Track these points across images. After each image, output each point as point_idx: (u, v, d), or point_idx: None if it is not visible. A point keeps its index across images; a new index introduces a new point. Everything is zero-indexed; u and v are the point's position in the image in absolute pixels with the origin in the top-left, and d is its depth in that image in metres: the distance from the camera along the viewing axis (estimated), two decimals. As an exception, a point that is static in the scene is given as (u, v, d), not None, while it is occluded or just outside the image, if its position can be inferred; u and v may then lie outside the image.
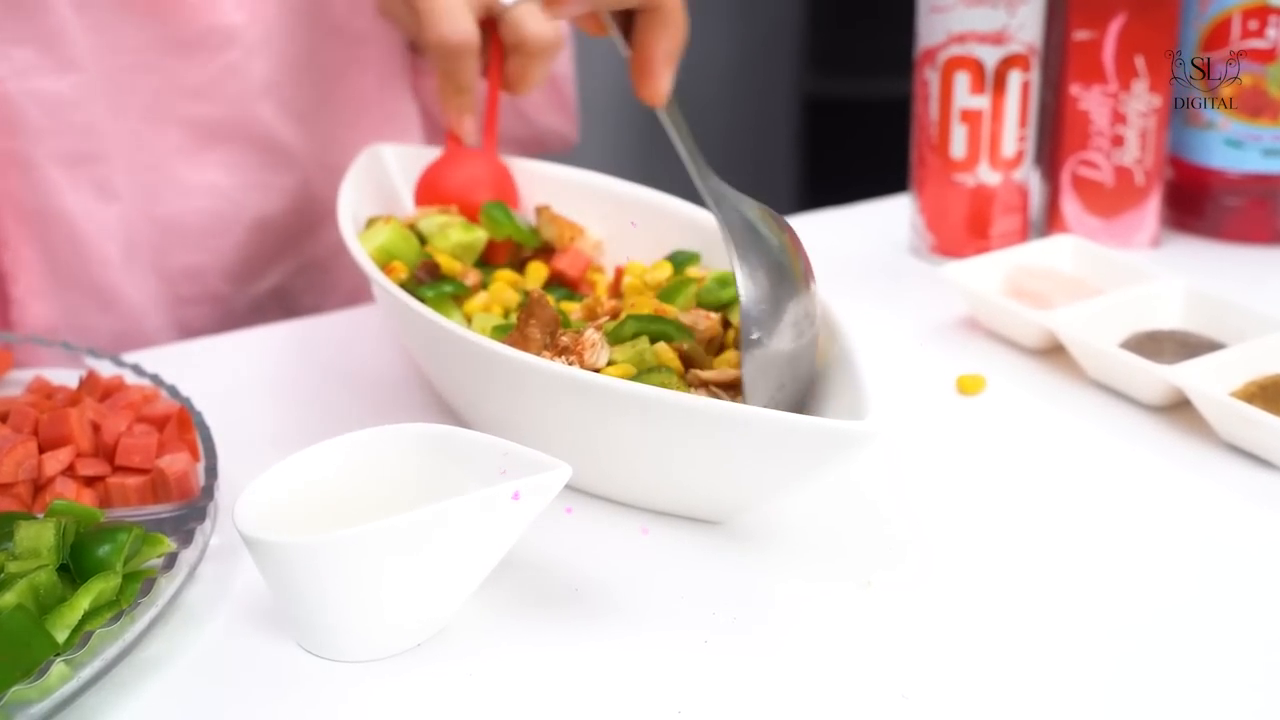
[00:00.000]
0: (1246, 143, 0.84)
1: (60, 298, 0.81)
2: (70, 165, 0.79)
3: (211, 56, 0.81)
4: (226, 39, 0.81)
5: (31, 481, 0.58)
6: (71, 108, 0.78)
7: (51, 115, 0.78)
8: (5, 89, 0.76)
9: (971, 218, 0.84)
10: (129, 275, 0.83)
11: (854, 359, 0.57)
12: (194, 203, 0.84)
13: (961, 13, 0.80)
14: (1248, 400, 0.65)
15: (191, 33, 0.80)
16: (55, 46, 0.77)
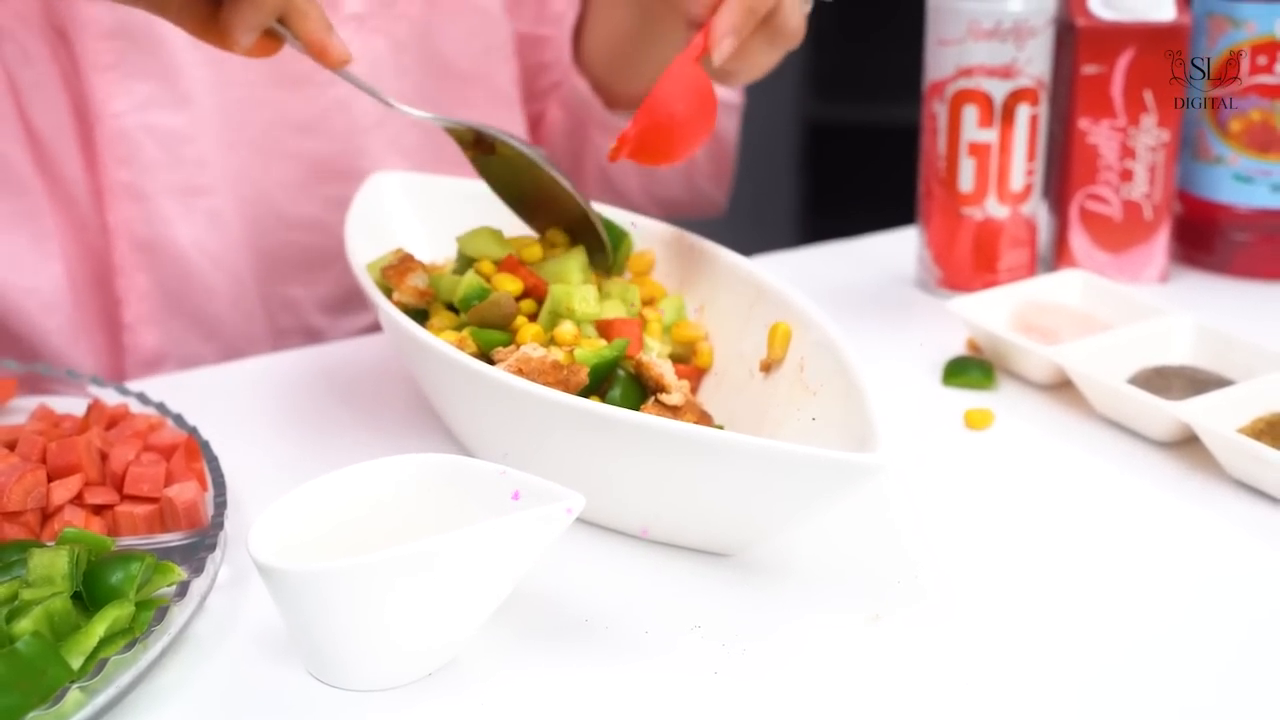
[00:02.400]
0: (1256, 178, 0.87)
1: (168, 326, 0.86)
2: (183, 197, 0.84)
3: (321, 91, 0.86)
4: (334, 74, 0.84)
5: (40, 510, 0.60)
6: (185, 142, 0.83)
7: (167, 149, 0.83)
8: (123, 123, 0.82)
9: (979, 251, 0.87)
10: (232, 306, 0.87)
11: (862, 392, 0.60)
12: (296, 236, 0.89)
13: (970, 46, 0.83)
14: (1255, 437, 0.67)
15: (301, 68, 0.83)
16: (172, 82, 0.82)
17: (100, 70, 0.82)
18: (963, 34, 0.83)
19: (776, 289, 0.69)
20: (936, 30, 0.84)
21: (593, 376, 0.65)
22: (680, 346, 0.72)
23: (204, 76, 0.84)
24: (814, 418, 0.63)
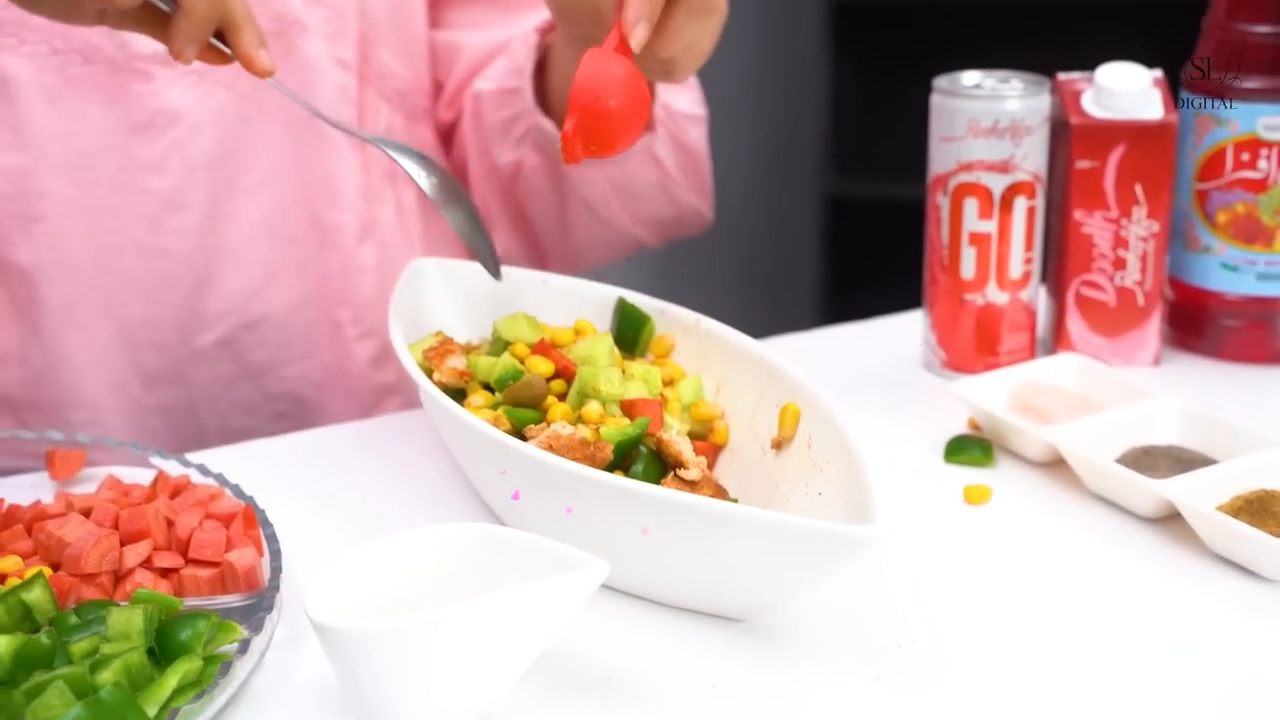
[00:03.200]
0: (1242, 267, 0.93)
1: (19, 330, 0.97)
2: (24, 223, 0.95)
3: (161, 133, 0.96)
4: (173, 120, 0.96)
5: (114, 572, 0.66)
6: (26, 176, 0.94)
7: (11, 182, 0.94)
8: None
9: (980, 335, 0.93)
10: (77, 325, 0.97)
11: (863, 468, 0.65)
12: (151, 262, 0.97)
13: (970, 143, 0.89)
14: (1234, 514, 0.73)
15: (142, 115, 0.95)
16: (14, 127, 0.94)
17: None
18: (963, 132, 0.89)
19: (787, 371, 0.75)
20: (939, 128, 0.90)
21: (617, 452, 0.71)
22: (698, 424, 0.78)
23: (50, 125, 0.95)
24: (820, 492, 0.69)
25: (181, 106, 0.97)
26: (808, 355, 0.98)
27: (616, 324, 0.83)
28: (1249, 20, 0.90)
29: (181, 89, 0.96)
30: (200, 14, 0.71)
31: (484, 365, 0.76)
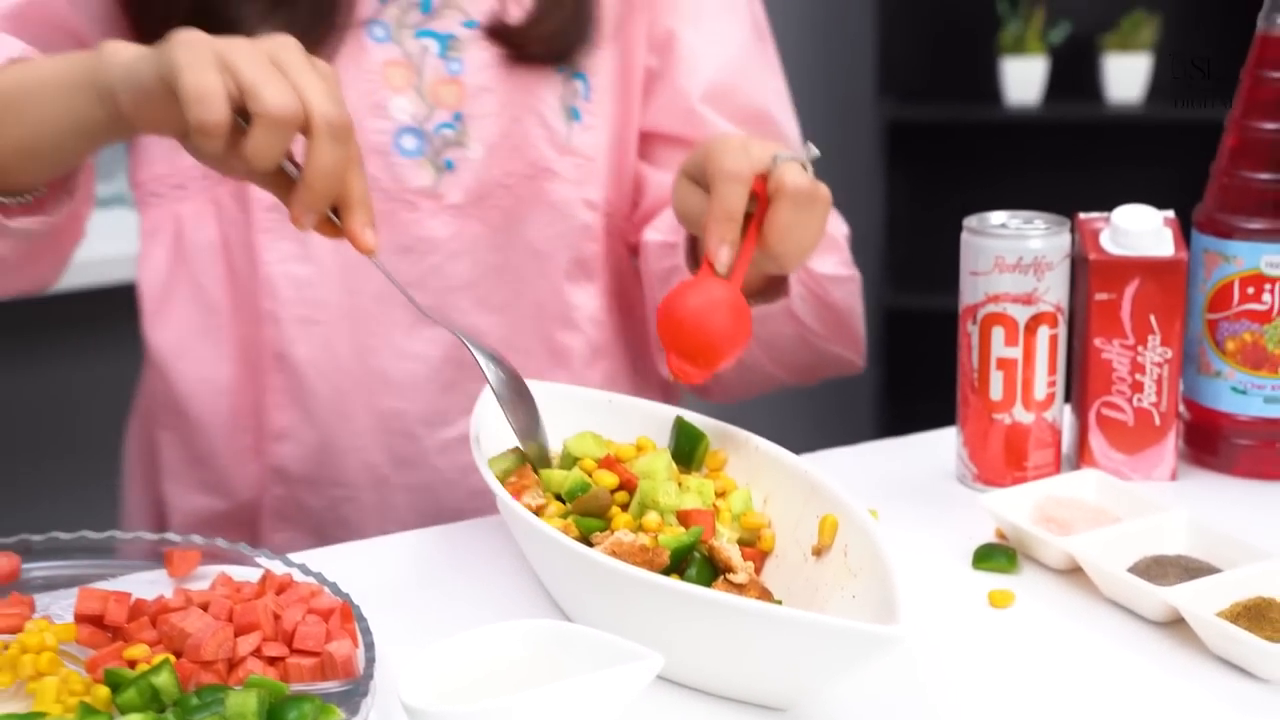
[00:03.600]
0: (1250, 390, 0.99)
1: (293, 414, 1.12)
2: (303, 325, 1.09)
3: (421, 258, 1.10)
4: (433, 248, 1.11)
5: (228, 660, 0.74)
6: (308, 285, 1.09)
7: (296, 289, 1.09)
8: (270, 270, 1.08)
9: (1009, 451, 0.99)
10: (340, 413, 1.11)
11: (891, 574, 0.72)
12: (405, 364, 1.10)
13: (996, 277, 0.96)
14: (1233, 620, 0.79)
15: (406, 239, 1.10)
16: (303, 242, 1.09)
17: (262, 233, 1.08)
18: (990, 267, 0.96)
19: (826, 485, 0.83)
20: (968, 263, 0.98)
21: (673, 558, 0.78)
22: (747, 533, 0.85)
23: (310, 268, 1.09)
24: (854, 595, 0.76)
25: (441, 236, 1.11)
26: (853, 467, 1.05)
27: (674, 440, 0.90)
28: (1251, 169, 0.98)
29: (442, 220, 1.11)
30: (318, 191, 0.79)
31: (556, 478, 0.84)
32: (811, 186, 0.90)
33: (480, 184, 1.11)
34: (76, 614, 0.78)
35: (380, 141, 1.09)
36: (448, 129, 1.11)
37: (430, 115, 1.10)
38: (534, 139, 1.12)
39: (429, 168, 1.11)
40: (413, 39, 1.10)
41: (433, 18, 1.10)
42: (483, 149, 1.11)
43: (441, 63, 1.11)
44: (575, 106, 1.14)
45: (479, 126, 1.11)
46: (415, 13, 1.10)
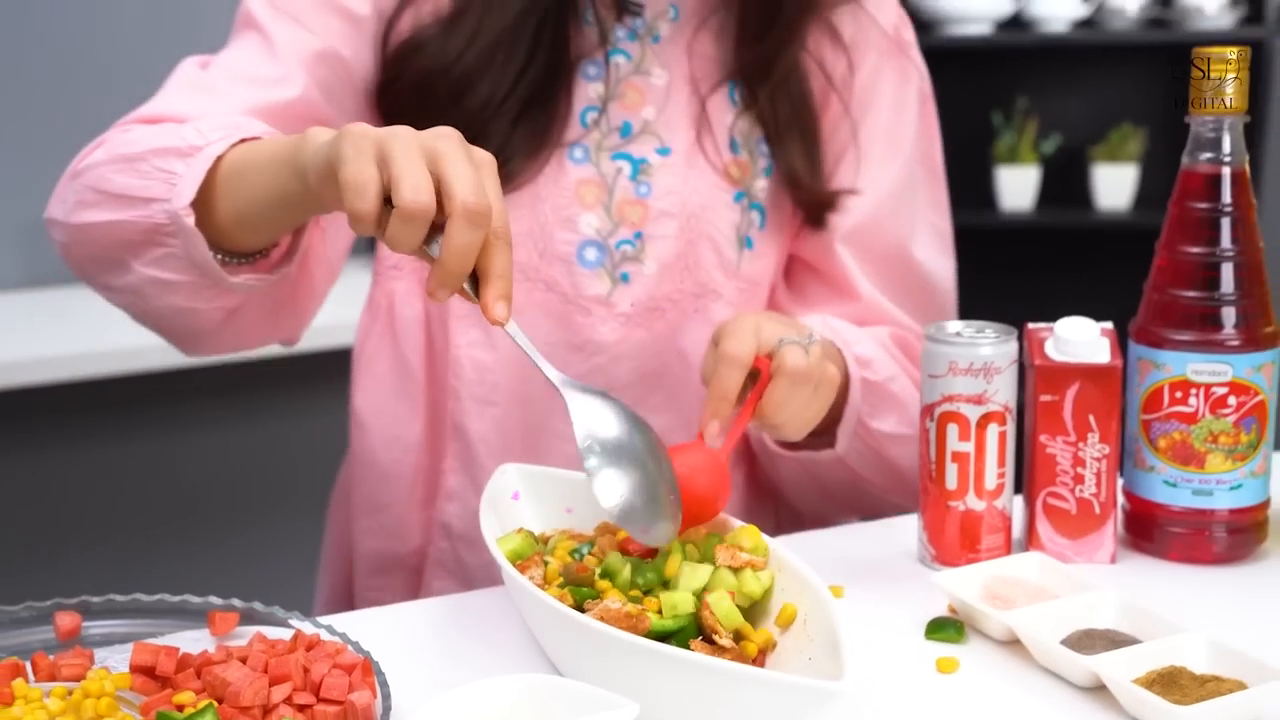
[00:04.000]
0: (1180, 484, 1.08)
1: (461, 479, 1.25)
2: (480, 405, 1.20)
3: (587, 357, 1.21)
4: (600, 349, 1.22)
5: (262, 706, 0.83)
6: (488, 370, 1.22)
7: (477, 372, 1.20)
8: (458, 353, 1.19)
9: (963, 535, 1.08)
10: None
11: (839, 639, 0.81)
12: (566, 447, 1.20)
13: (951, 380, 1.06)
14: (1147, 685, 0.87)
15: (578, 339, 1.21)
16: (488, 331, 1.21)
17: (453, 320, 1.22)
18: (945, 370, 1.06)
19: (791, 564, 0.92)
20: (927, 367, 1.08)
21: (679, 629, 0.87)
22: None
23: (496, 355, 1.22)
24: (810, 658, 0.85)
25: (608, 340, 1.21)
26: (825, 549, 1.15)
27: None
28: (1178, 287, 1.07)
29: (611, 326, 1.21)
30: (450, 269, 0.84)
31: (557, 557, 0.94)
32: (809, 368, 1.01)
33: (650, 297, 1.21)
34: (131, 665, 0.88)
35: (565, 251, 1.20)
36: (628, 245, 1.21)
37: (614, 231, 1.20)
38: (705, 263, 1.21)
39: (606, 279, 1.21)
40: (608, 160, 1.21)
41: (630, 142, 1.21)
42: (657, 266, 1.21)
43: (631, 185, 1.20)
44: (749, 236, 1.23)
45: (657, 246, 1.21)
46: (615, 136, 1.21)
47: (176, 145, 1.00)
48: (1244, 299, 1.06)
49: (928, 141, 1.31)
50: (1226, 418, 1.06)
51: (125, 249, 1.04)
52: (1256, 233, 1.07)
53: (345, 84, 1.18)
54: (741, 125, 1.23)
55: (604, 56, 1.21)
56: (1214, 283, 1.06)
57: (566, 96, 1.19)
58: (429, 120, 1.03)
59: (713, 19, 1.24)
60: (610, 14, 1.21)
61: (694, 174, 1.22)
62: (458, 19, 1.18)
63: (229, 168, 0.99)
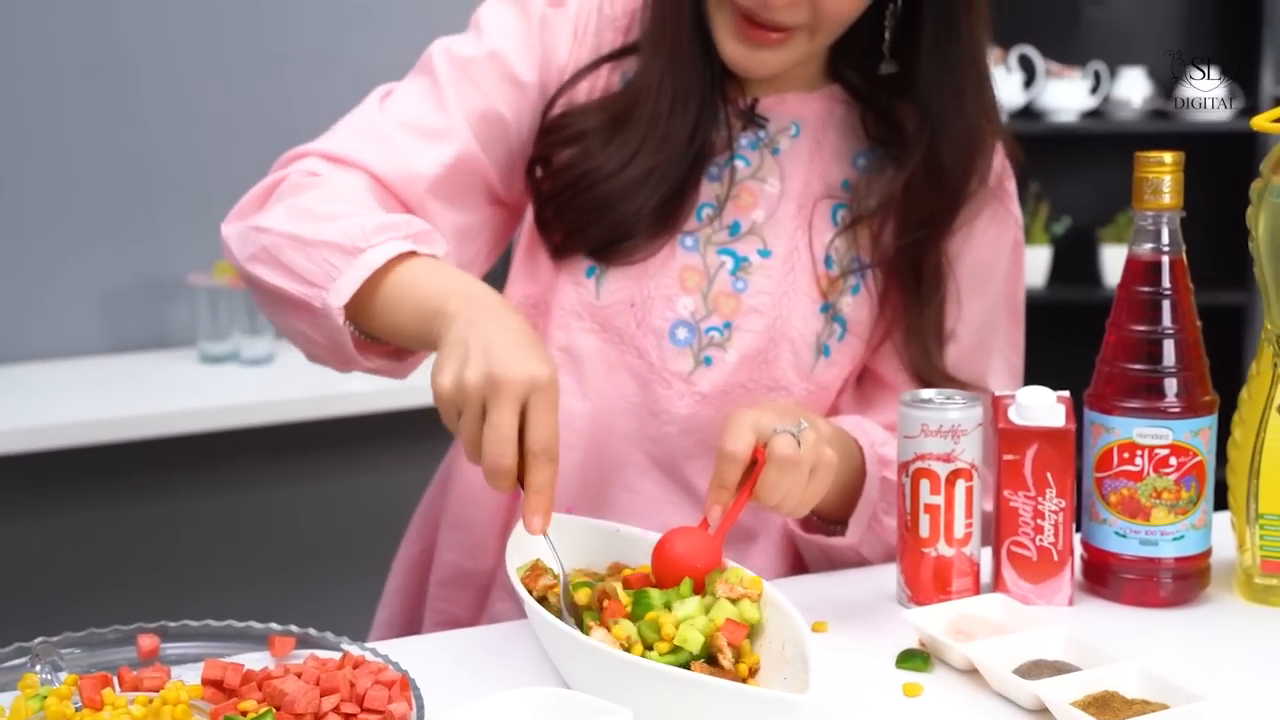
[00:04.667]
0: (1130, 535, 1.18)
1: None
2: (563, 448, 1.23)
3: (661, 424, 1.30)
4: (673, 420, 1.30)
5: (314, 714, 0.94)
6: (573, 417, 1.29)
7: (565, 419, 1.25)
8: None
9: (936, 579, 1.18)
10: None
11: (809, 661, 0.91)
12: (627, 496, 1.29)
13: (923, 440, 1.16)
14: (1084, 708, 0.97)
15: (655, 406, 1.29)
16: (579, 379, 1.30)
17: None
18: (918, 432, 1.16)
19: (776, 598, 1.02)
20: (902, 429, 1.18)
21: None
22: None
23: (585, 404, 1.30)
24: (785, 677, 0.95)
25: (682, 413, 1.29)
26: (814, 590, 1.24)
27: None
28: (1125, 361, 1.17)
29: (686, 401, 1.29)
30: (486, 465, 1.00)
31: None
32: (799, 456, 1.09)
33: (726, 382, 1.28)
34: (203, 678, 0.99)
35: (660, 326, 1.28)
36: (715, 332, 1.29)
37: (706, 317, 1.28)
38: (783, 362, 1.29)
39: (690, 358, 1.29)
40: (714, 253, 1.29)
41: (736, 240, 1.29)
42: (738, 356, 1.28)
43: (730, 279, 1.28)
44: (828, 344, 1.29)
45: (741, 338, 1.28)
46: (724, 233, 1.29)
47: (341, 243, 1.13)
48: (1183, 371, 1.16)
49: (1015, 285, 1.37)
50: (1169, 476, 1.16)
51: (286, 305, 1.17)
52: (1194, 313, 1.17)
53: (503, 143, 1.29)
54: (839, 244, 1.30)
55: (727, 158, 1.29)
56: (1157, 357, 1.16)
57: (693, 193, 1.29)
58: (576, 214, 1.24)
59: (829, 141, 1.33)
60: (738, 122, 1.30)
61: (788, 279, 1.29)
62: (622, 130, 1.26)
63: (381, 291, 1.12)
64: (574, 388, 1.30)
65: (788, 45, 1.22)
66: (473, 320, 1.04)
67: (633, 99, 1.27)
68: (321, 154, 1.25)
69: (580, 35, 1.30)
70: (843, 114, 1.33)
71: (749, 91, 1.31)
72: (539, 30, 1.29)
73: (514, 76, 1.28)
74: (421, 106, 1.27)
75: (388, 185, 1.24)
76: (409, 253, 1.13)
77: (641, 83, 1.27)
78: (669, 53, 1.25)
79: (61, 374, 2.68)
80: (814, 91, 1.33)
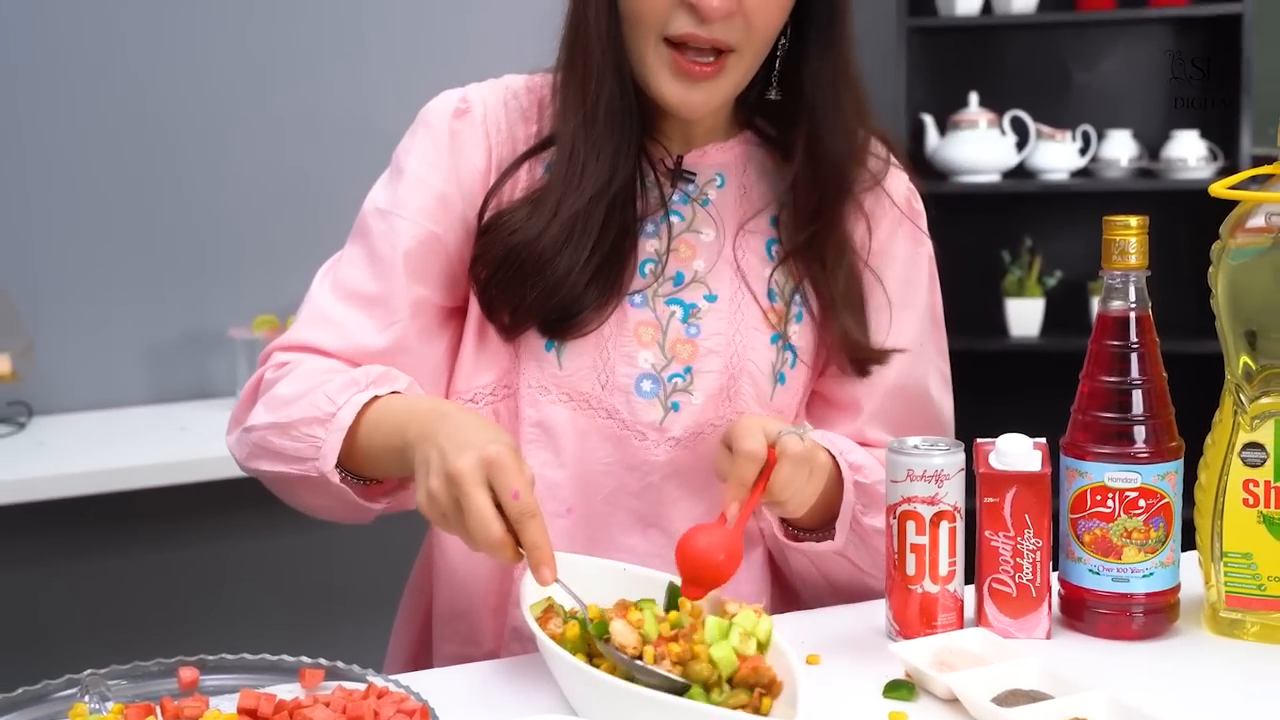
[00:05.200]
0: (1103, 572, 1.21)
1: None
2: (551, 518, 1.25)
3: (649, 471, 1.33)
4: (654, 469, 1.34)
5: (341, 739, 0.98)
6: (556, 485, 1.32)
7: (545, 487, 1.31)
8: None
9: (922, 614, 1.21)
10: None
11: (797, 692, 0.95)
12: (619, 554, 1.31)
13: (909, 484, 1.20)
14: (1055, 733, 1.00)
15: (633, 460, 1.32)
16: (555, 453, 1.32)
17: (527, 444, 1.31)
18: (904, 477, 1.20)
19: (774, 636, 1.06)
20: (889, 474, 1.21)
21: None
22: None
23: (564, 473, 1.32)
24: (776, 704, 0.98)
25: (660, 460, 1.33)
26: (809, 625, 1.28)
27: (668, 597, 1.14)
28: (1097, 410, 1.21)
29: (663, 449, 1.33)
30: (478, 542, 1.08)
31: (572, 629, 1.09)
32: (806, 452, 1.16)
33: (696, 423, 1.33)
34: (239, 707, 1.03)
35: (625, 383, 1.31)
36: (679, 378, 1.32)
37: (667, 366, 1.32)
38: (745, 395, 1.33)
39: (659, 408, 1.32)
40: (663, 305, 1.34)
41: (682, 289, 1.34)
42: (704, 397, 1.32)
43: (682, 326, 1.32)
44: (783, 372, 1.34)
45: (704, 379, 1.32)
46: (669, 285, 1.34)
47: (316, 415, 1.23)
48: (1151, 419, 1.19)
49: (934, 297, 1.44)
50: (1138, 517, 1.19)
51: (291, 486, 1.28)
52: (1160, 365, 1.20)
53: (440, 256, 1.33)
54: (778, 277, 1.35)
55: (662, 216, 1.34)
56: (1126, 406, 1.20)
57: (632, 253, 1.33)
58: (514, 286, 1.27)
59: (752, 184, 1.39)
60: (667, 181, 1.35)
61: (737, 317, 1.33)
62: (541, 200, 1.30)
63: (362, 434, 1.22)
64: (551, 459, 1.33)
65: (721, 75, 1.26)
66: (425, 435, 1.12)
67: (552, 170, 1.32)
68: (284, 346, 1.33)
69: (491, 135, 1.35)
70: (760, 156, 1.39)
71: (672, 150, 1.36)
72: (449, 143, 1.34)
73: (436, 193, 1.32)
74: (360, 274, 1.33)
75: (345, 359, 1.31)
76: (374, 398, 1.23)
77: (559, 144, 1.31)
78: (584, 108, 1.29)
79: (109, 423, 2.73)
80: (729, 140, 1.38)
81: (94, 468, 2.42)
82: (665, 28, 1.24)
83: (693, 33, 1.23)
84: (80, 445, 2.57)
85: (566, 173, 1.29)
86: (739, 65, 1.27)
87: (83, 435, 2.64)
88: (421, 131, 1.35)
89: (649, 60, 1.26)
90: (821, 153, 1.33)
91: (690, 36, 1.24)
